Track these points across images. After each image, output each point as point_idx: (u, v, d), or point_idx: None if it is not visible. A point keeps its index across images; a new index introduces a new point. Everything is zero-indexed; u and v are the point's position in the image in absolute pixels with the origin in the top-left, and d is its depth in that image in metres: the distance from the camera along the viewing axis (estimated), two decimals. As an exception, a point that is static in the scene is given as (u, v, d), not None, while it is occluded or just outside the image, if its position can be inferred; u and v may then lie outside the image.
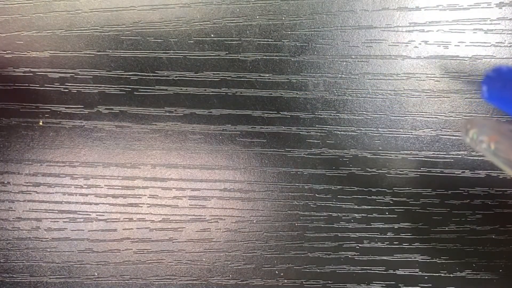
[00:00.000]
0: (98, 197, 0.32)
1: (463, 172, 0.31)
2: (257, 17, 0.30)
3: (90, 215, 0.32)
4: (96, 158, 0.32)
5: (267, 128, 0.32)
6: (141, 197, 0.32)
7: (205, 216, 0.32)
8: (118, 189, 0.32)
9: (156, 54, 0.31)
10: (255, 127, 0.32)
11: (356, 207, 0.32)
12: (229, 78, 0.31)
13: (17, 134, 0.32)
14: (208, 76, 0.31)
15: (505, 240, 0.32)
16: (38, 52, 0.31)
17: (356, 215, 0.32)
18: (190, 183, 0.32)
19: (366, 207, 0.32)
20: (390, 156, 0.31)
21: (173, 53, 0.31)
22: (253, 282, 0.33)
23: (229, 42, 0.31)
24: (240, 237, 0.32)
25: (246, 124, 0.32)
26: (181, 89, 0.31)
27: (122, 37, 0.31)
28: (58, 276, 0.33)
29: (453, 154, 0.31)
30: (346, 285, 0.33)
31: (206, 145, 0.32)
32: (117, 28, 0.31)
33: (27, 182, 0.32)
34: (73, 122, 0.32)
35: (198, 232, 0.32)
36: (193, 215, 0.32)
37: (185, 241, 0.32)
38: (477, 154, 0.31)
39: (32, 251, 0.33)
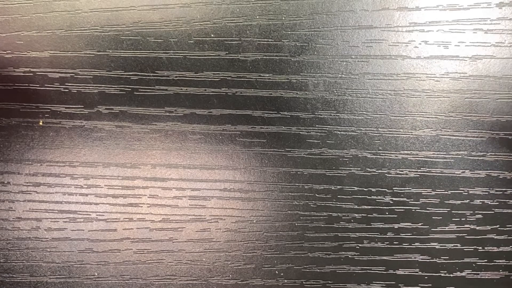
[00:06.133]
0: (98, 197, 0.32)
1: (463, 172, 0.31)
2: (257, 17, 0.30)
3: (90, 215, 0.32)
4: (96, 158, 0.32)
5: (267, 128, 0.32)
6: (141, 197, 0.32)
7: (205, 216, 0.32)
8: (118, 189, 0.32)
9: (156, 54, 0.31)
10: (255, 127, 0.32)
11: (356, 207, 0.32)
12: (229, 78, 0.31)
13: (17, 134, 0.32)
14: (208, 76, 0.31)
15: (505, 240, 0.32)
16: (38, 52, 0.31)
17: (356, 215, 0.32)
18: (190, 183, 0.32)
19: (366, 207, 0.32)
20: (390, 156, 0.31)
21: (173, 53, 0.31)
22: (253, 282, 0.33)
23: (229, 42, 0.31)
24: (240, 237, 0.32)
25: (246, 124, 0.32)
26: (181, 89, 0.31)
27: (122, 37, 0.31)
28: (58, 276, 0.33)
29: (453, 154, 0.31)
30: (346, 285, 0.33)
31: (206, 145, 0.32)
32: (117, 28, 0.31)
33: (27, 182, 0.32)
34: (73, 122, 0.32)
35: (198, 232, 0.32)
36: (193, 215, 0.32)
37: (185, 241, 0.32)
38: (477, 154, 0.31)
39: (32, 251, 0.33)
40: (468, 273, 0.32)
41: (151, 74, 0.31)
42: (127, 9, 0.31)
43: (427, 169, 0.31)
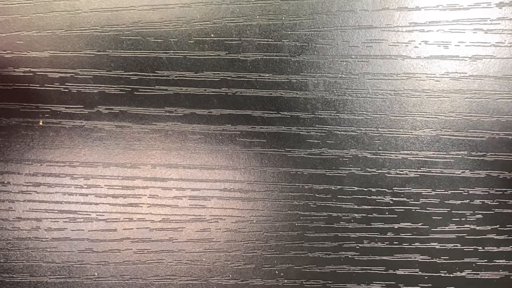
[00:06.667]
0: (98, 197, 0.32)
1: (463, 172, 0.31)
2: (257, 17, 0.30)
3: (90, 215, 0.32)
4: (96, 158, 0.32)
5: (267, 128, 0.32)
6: (141, 197, 0.32)
7: (205, 216, 0.32)
8: (118, 189, 0.32)
9: (156, 54, 0.31)
10: (255, 127, 0.32)
11: (356, 207, 0.32)
12: (229, 78, 0.31)
13: (17, 134, 0.32)
14: (208, 76, 0.31)
15: (505, 240, 0.32)
16: (38, 52, 0.31)
17: (356, 215, 0.32)
18: (190, 183, 0.32)
19: (366, 207, 0.32)
20: (390, 156, 0.31)
21: (173, 53, 0.31)
22: (253, 282, 0.33)
23: (229, 42, 0.31)
24: (240, 237, 0.32)
25: (246, 124, 0.32)
26: (181, 89, 0.31)
27: (122, 37, 0.31)
28: (58, 276, 0.33)
29: (453, 154, 0.31)
30: (346, 285, 0.33)
31: (206, 145, 0.32)
32: (117, 28, 0.31)
33: (27, 182, 0.32)
34: (73, 122, 0.32)
35: (198, 232, 0.32)
36: (193, 215, 0.32)
37: (185, 241, 0.32)
38: (477, 154, 0.31)
39: (32, 251, 0.33)
40: (468, 273, 0.32)
41: (151, 74, 0.31)
42: (127, 9, 0.31)
43: (427, 169, 0.31)
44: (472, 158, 0.31)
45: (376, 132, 0.31)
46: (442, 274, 0.32)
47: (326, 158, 0.32)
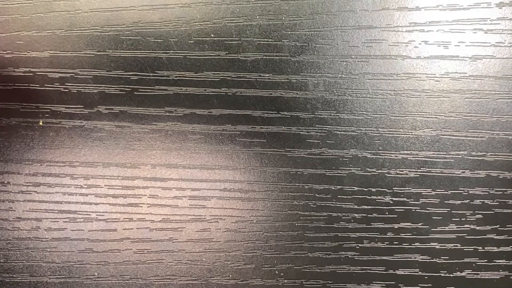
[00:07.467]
0: (98, 197, 0.32)
1: (463, 172, 0.31)
2: (257, 17, 0.30)
3: (90, 215, 0.32)
4: (96, 158, 0.32)
5: (267, 128, 0.32)
6: (141, 197, 0.32)
7: (205, 216, 0.32)
8: (118, 189, 0.32)
9: (156, 54, 0.31)
10: (255, 127, 0.32)
11: (356, 207, 0.32)
12: (229, 78, 0.31)
13: (17, 134, 0.32)
14: (208, 76, 0.31)
15: (505, 240, 0.32)
16: (38, 52, 0.31)
17: (356, 215, 0.32)
18: (190, 183, 0.32)
19: (366, 207, 0.32)
20: (390, 156, 0.31)
21: (173, 53, 0.31)
22: (253, 282, 0.33)
23: (229, 42, 0.31)
24: (240, 237, 0.32)
25: (246, 124, 0.32)
26: (181, 89, 0.31)
27: (122, 37, 0.31)
28: (58, 276, 0.33)
29: (453, 154, 0.31)
30: (346, 285, 0.33)
31: (206, 145, 0.32)
32: (117, 28, 0.31)
33: (27, 182, 0.32)
34: (73, 122, 0.32)
35: (198, 232, 0.32)
36: (193, 215, 0.32)
37: (185, 241, 0.32)
38: (477, 154, 0.31)
39: (32, 251, 0.33)
40: (468, 273, 0.32)
41: (151, 74, 0.31)
42: (127, 9, 0.31)
43: (427, 169, 0.31)
44: (472, 158, 0.31)
45: (376, 132, 0.31)
46: (442, 274, 0.32)
47: (326, 158, 0.32)
